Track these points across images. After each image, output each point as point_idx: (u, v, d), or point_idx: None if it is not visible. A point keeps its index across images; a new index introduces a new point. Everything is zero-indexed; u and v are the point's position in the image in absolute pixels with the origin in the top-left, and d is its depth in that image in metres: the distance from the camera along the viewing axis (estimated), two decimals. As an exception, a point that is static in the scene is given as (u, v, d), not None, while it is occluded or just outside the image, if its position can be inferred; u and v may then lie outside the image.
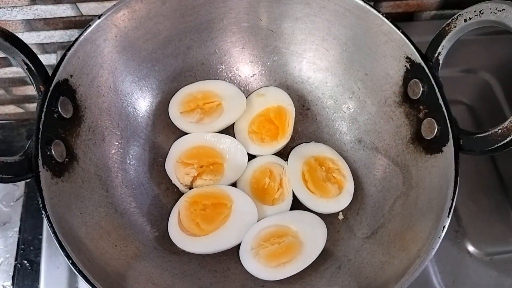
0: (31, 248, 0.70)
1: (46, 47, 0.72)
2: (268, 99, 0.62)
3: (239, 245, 0.52)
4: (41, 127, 0.43)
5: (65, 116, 0.47)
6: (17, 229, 0.71)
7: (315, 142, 0.61)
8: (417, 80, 0.50)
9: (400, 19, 0.77)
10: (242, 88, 0.63)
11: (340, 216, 0.56)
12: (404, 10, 0.76)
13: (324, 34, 0.58)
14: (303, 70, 0.62)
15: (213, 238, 0.52)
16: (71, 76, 0.48)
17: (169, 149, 0.58)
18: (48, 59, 0.75)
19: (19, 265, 0.68)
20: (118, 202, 0.52)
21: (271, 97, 0.62)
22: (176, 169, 0.57)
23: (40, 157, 0.42)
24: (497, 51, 0.75)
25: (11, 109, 0.90)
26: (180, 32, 0.57)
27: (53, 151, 0.44)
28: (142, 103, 0.58)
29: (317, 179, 0.56)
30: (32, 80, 0.45)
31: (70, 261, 0.39)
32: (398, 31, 0.50)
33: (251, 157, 0.59)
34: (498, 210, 0.64)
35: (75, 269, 0.39)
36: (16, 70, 0.77)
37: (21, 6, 0.62)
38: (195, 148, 0.58)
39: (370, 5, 0.51)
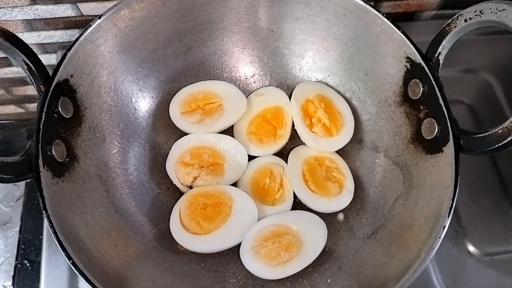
0: (32, 248, 0.70)
1: (46, 47, 0.72)
2: (266, 99, 0.62)
3: (239, 246, 0.52)
4: (41, 127, 0.43)
5: (65, 116, 0.47)
6: (17, 229, 0.71)
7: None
8: (417, 80, 0.50)
9: (400, 19, 0.77)
10: (243, 88, 0.63)
11: (340, 217, 0.56)
12: (404, 10, 0.76)
13: (324, 34, 0.58)
14: (304, 70, 0.62)
15: (214, 237, 0.52)
16: (72, 76, 0.48)
17: (170, 149, 0.58)
18: (48, 59, 0.75)
19: (20, 265, 0.68)
20: (118, 202, 0.52)
21: (269, 97, 0.62)
22: (176, 169, 0.57)
23: (40, 157, 0.42)
24: (497, 51, 0.75)
25: (12, 109, 0.89)
26: (180, 32, 0.57)
27: (53, 151, 0.44)
28: (143, 103, 0.58)
29: (317, 179, 0.56)
30: (32, 80, 0.45)
31: (71, 261, 0.39)
32: (398, 31, 0.50)
33: (251, 157, 0.59)
34: (498, 210, 0.64)
35: (75, 269, 0.39)
36: (16, 70, 0.77)
37: (22, 6, 0.62)
38: (196, 148, 0.58)
39: (370, 5, 0.51)
